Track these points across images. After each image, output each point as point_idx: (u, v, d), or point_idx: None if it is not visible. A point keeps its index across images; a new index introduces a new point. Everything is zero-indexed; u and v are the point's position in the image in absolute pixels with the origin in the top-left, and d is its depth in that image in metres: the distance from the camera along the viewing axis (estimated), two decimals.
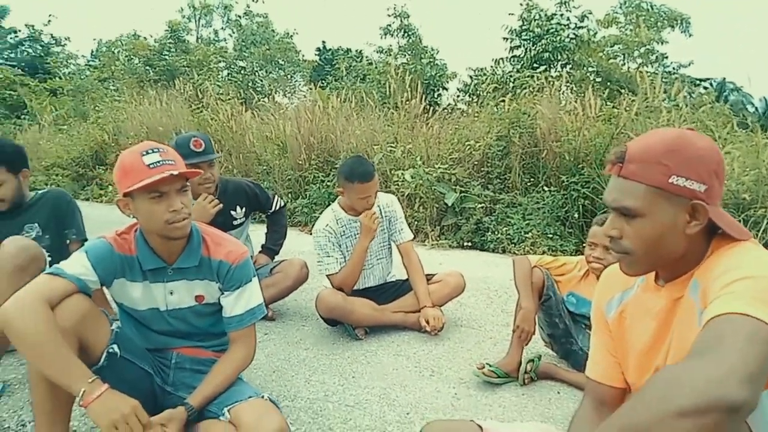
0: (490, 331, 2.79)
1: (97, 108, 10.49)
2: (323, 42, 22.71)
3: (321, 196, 6.36)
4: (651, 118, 4.86)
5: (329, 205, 6.17)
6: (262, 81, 15.12)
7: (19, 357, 2.21)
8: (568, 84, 5.86)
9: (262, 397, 1.62)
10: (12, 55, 20.56)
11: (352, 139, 6.50)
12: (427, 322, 2.61)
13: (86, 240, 2.49)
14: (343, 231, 2.73)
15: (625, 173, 1.00)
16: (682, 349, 1.00)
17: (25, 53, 20.62)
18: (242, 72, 15.84)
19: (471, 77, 10.98)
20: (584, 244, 4.62)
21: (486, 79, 10.13)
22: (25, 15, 44.09)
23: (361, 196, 2.62)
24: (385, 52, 12.28)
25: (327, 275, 2.69)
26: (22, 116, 13.22)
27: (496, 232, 5.06)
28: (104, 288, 1.66)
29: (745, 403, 0.68)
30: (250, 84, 13.96)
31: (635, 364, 1.16)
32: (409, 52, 11.81)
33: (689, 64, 12.49)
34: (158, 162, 1.52)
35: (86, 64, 20.14)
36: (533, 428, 1.34)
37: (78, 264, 1.56)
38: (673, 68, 11.85)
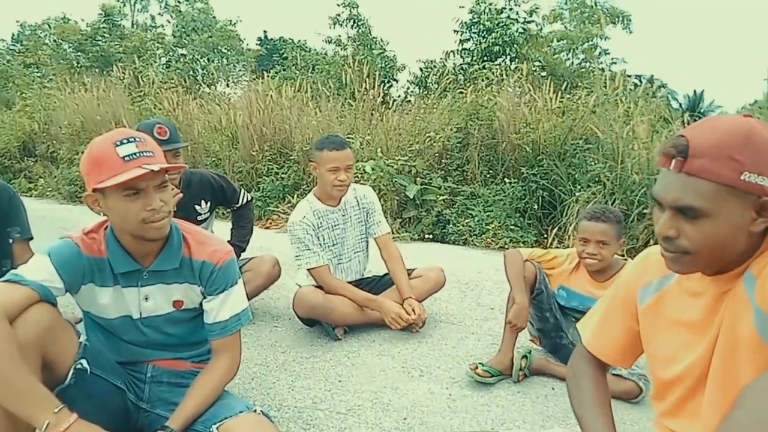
0: (471, 326, 2.72)
1: (23, 95, 9.71)
2: (264, 32, 22.13)
3: (275, 188, 6.13)
4: (609, 111, 4.95)
5: (284, 197, 6.09)
6: (204, 69, 14.47)
7: None
8: (525, 77, 5.87)
9: (254, 411, 1.46)
10: None
11: (308, 130, 6.29)
12: (413, 311, 2.49)
13: (31, 239, 2.22)
14: (321, 222, 2.59)
15: (689, 170, 0.90)
16: (730, 341, 0.97)
17: None
18: (183, 60, 15.13)
19: (422, 69, 10.93)
20: (544, 235, 4.72)
21: (437, 71, 10.15)
22: None
23: (331, 165, 2.48)
24: (335, 42, 12.04)
25: (308, 269, 2.53)
26: None
27: (457, 224, 5.02)
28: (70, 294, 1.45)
29: None
30: (191, 72, 13.35)
31: (670, 353, 1.11)
32: (359, 43, 11.64)
33: (622, 60, 13.02)
34: (134, 154, 1.33)
35: (7, 48, 18.69)
36: None
37: (40, 269, 1.35)
38: (612, 63, 12.27)
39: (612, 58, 12.54)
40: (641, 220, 4.17)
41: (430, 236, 5.13)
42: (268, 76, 8.69)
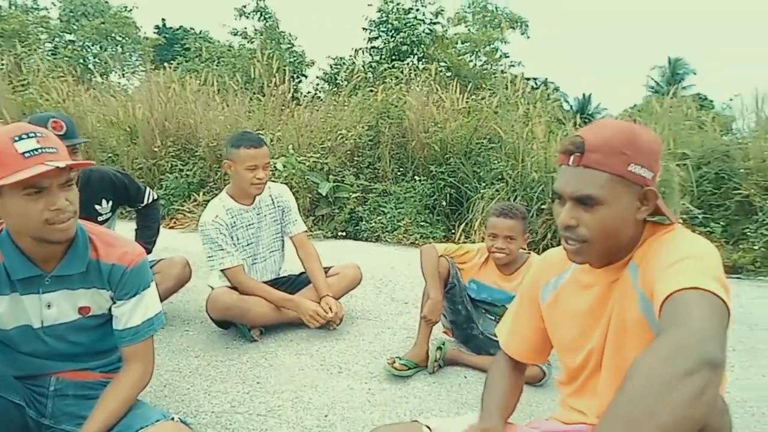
0: (386, 321, 2.78)
1: None
2: (163, 20, 20.98)
3: (179, 186, 5.87)
4: (510, 112, 5.23)
5: (189, 196, 5.84)
6: (96, 58, 13.46)
7: None
8: (433, 77, 6.06)
9: (172, 419, 1.41)
10: None
11: (215, 125, 6.07)
12: (330, 309, 2.51)
13: None
14: (234, 222, 2.53)
15: (586, 163, 1.03)
16: (620, 325, 1.09)
17: None
18: (71, 47, 13.98)
19: (331, 66, 10.91)
20: (452, 230, 4.91)
21: (346, 68, 10.18)
22: None
23: (249, 164, 2.44)
24: (241, 34, 11.69)
25: (222, 270, 2.46)
26: None
27: (369, 221, 5.10)
28: None
29: (721, 360, 0.74)
30: (81, 61, 12.37)
31: (572, 343, 1.22)
32: (266, 36, 11.39)
33: (520, 64, 13.80)
34: (36, 150, 1.23)
35: None
36: (475, 418, 1.35)
37: None
38: (511, 65, 12.96)
39: (511, 61, 13.27)
40: (540, 215, 4.46)
41: (343, 233, 5.16)
42: (170, 67, 8.28)
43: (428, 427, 1.25)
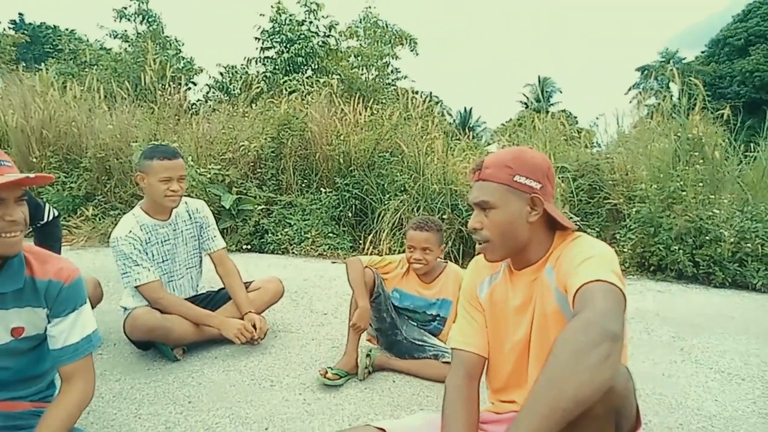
0: (309, 333, 2.84)
1: None
2: (20, 14, 19.03)
3: (63, 200, 5.46)
4: (410, 125, 5.50)
5: (75, 210, 5.42)
6: None
7: None
8: (335, 90, 6.18)
9: None
10: None
11: (102, 134, 5.70)
12: (254, 326, 2.51)
13: None
14: (149, 237, 2.45)
15: (483, 176, 1.32)
16: (542, 317, 1.31)
17: None
18: None
19: (222, 74, 10.63)
20: (359, 241, 5.04)
21: (239, 77, 9.98)
22: None
23: (163, 176, 2.38)
24: (121, 37, 10.99)
25: (137, 286, 2.36)
26: None
27: (275, 234, 5.08)
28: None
29: (620, 333, 0.96)
30: None
31: (503, 335, 1.42)
32: (150, 41, 10.82)
33: (405, 77, 14.38)
34: None
35: None
36: (420, 418, 1.47)
37: None
38: (402, 78, 13.46)
39: (401, 75, 13.78)
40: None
41: (248, 246, 5.09)
42: (40, 69, 7.60)
43: (382, 429, 1.34)
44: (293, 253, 4.92)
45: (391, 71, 12.33)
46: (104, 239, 5.04)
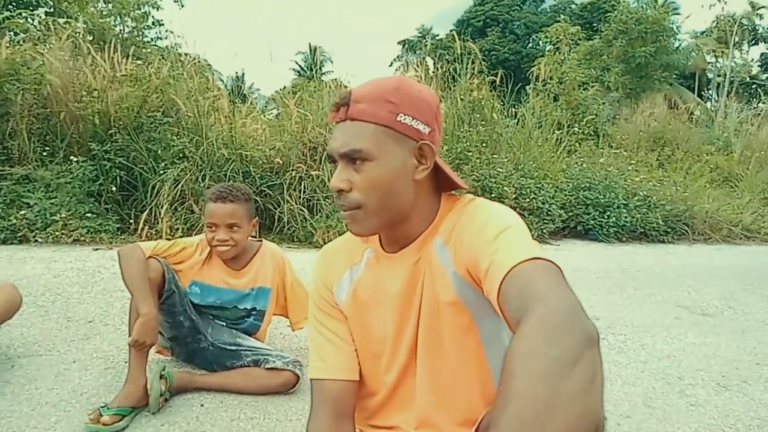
0: (69, 353, 2.06)
1: None
2: None
3: None
4: (186, 81, 4.67)
5: None
6: None
7: None
8: (81, 35, 4.93)
9: None
10: None
11: None
12: None
13: None
14: None
15: (352, 114, 0.91)
16: (431, 309, 0.97)
17: None
18: None
19: None
20: (129, 221, 4.14)
21: None
22: None
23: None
24: None
25: None
26: None
27: (6, 218, 3.87)
28: None
29: (596, 331, 0.61)
30: None
31: (377, 337, 1.04)
32: None
33: (171, 33, 12.77)
34: None
35: None
36: None
37: None
38: (166, 35, 11.86)
39: (166, 30, 12.12)
40: None
41: None
42: None
43: None
44: (36, 240, 3.79)
45: (153, 23, 10.71)
46: None
